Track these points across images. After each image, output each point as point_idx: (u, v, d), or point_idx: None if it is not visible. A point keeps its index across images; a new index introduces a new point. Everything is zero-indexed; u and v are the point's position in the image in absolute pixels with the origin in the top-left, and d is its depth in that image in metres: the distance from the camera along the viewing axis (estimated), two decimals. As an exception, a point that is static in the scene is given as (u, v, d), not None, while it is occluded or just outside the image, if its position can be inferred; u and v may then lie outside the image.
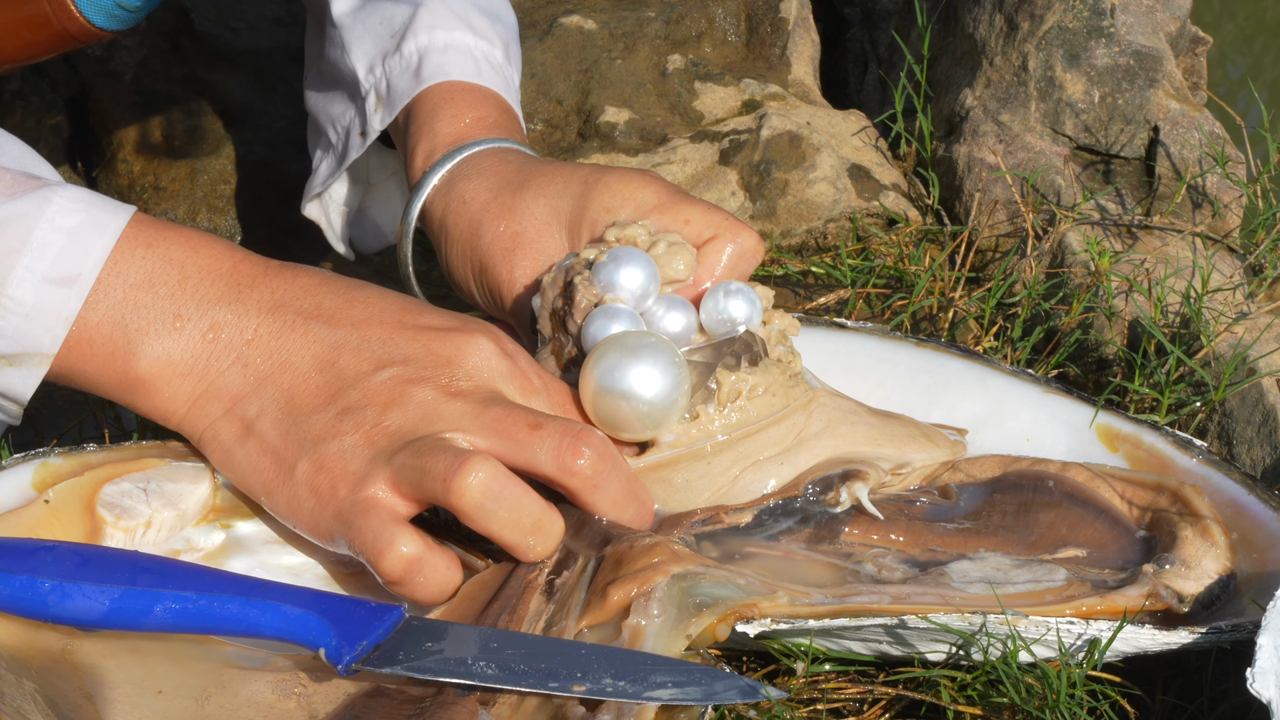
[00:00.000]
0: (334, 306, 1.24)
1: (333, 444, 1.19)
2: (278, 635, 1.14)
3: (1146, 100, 1.74)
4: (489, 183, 1.39)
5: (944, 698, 1.20)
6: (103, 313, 1.21)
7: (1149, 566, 1.24)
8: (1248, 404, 1.47)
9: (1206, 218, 1.69)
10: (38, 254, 1.19)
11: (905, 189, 1.80)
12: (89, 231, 1.21)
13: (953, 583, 1.22)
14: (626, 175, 1.36)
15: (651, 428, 1.25)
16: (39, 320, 1.20)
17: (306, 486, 1.20)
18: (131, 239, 1.22)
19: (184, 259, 1.23)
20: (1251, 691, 1.10)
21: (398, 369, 1.20)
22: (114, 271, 1.21)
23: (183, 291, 1.22)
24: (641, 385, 1.24)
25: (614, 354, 1.24)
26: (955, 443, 1.35)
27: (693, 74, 1.89)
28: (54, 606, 1.14)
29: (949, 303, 1.62)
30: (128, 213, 1.23)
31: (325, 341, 1.22)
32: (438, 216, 1.41)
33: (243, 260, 1.25)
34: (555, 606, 1.17)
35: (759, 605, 1.17)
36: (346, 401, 1.20)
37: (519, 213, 1.36)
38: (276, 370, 1.22)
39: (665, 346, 1.25)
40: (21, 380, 1.22)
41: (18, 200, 1.20)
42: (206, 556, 1.24)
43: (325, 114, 1.57)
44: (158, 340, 1.22)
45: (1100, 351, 1.57)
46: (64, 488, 1.22)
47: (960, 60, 1.85)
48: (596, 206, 1.35)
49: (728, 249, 1.32)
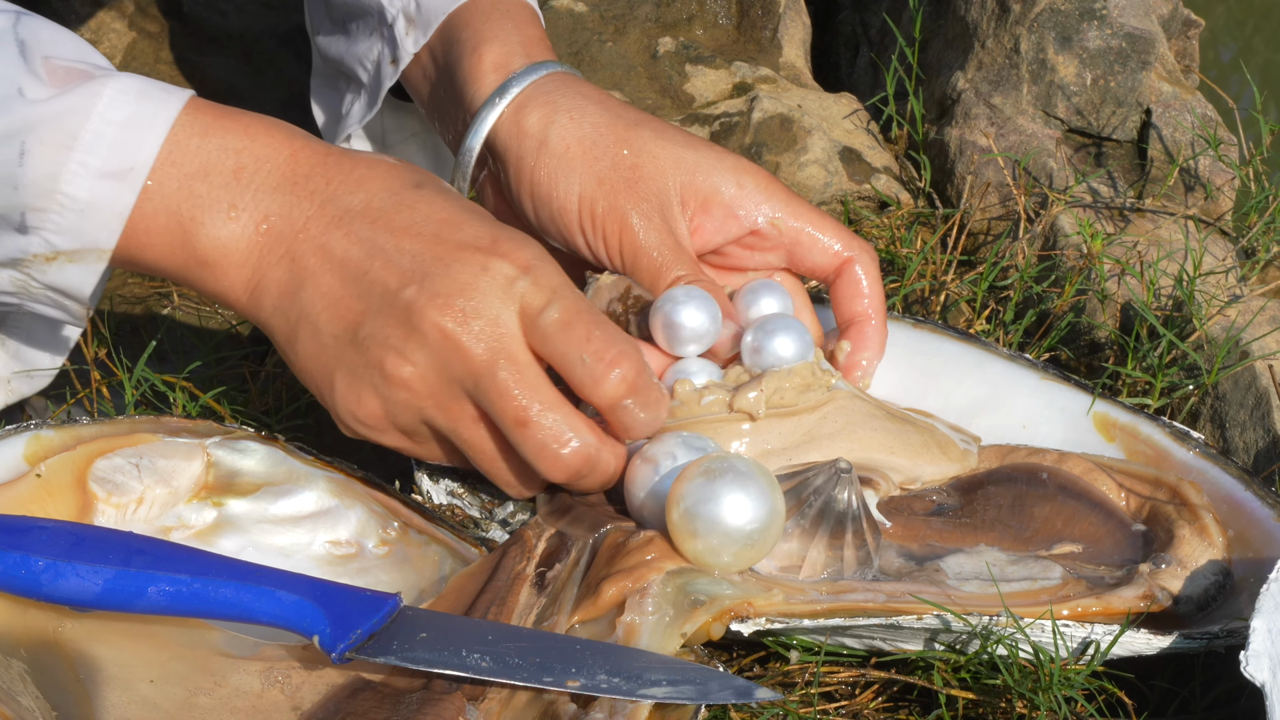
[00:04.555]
0: (382, 206, 1.22)
1: (356, 361, 1.21)
2: (271, 621, 1.14)
3: (1138, 83, 1.74)
4: (598, 109, 1.36)
5: (936, 681, 1.20)
6: (158, 203, 1.21)
7: (1145, 566, 1.23)
8: (1240, 387, 1.46)
9: (1199, 200, 1.69)
10: (89, 149, 1.19)
11: (897, 172, 1.79)
12: (141, 124, 1.20)
13: (948, 580, 1.22)
14: (750, 163, 1.36)
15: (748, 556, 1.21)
16: (94, 216, 1.20)
17: (343, 397, 1.23)
18: (187, 127, 1.21)
19: (240, 147, 1.22)
20: (1245, 675, 1.10)
21: (415, 289, 1.19)
22: (168, 161, 1.21)
23: (238, 181, 1.22)
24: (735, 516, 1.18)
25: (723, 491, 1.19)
26: (966, 453, 1.34)
27: (683, 57, 1.88)
28: (47, 585, 1.14)
29: (941, 286, 1.62)
30: (180, 100, 1.22)
31: (365, 245, 1.21)
32: (533, 125, 1.35)
33: (302, 149, 1.24)
34: (547, 600, 1.17)
35: (754, 603, 1.16)
36: (365, 330, 1.20)
37: (638, 148, 1.34)
38: (319, 270, 1.22)
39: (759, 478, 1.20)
40: (81, 276, 1.22)
41: (68, 94, 1.19)
42: (198, 534, 1.24)
43: (350, 55, 1.52)
44: (214, 229, 1.22)
45: (1093, 335, 1.57)
46: (56, 461, 1.22)
47: (952, 43, 1.84)
48: (724, 177, 1.34)
49: (863, 276, 1.35)
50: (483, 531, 1.27)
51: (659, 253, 1.32)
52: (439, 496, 1.29)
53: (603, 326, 1.21)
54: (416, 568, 1.25)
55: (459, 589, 1.20)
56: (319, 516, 1.26)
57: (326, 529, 1.26)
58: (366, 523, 1.26)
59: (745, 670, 1.23)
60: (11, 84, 1.18)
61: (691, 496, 1.17)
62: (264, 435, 1.27)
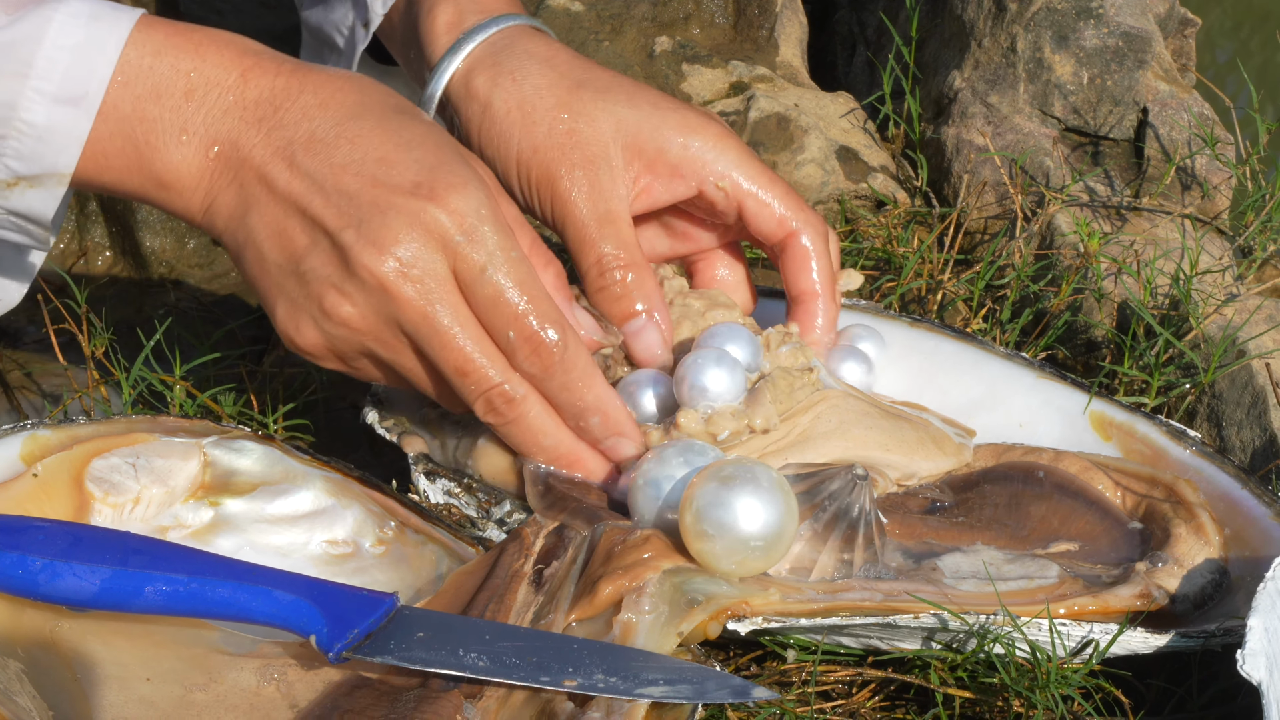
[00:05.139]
0: (324, 137, 1.23)
1: (298, 292, 1.22)
2: (268, 621, 1.14)
3: (1135, 81, 1.74)
4: (541, 69, 1.36)
5: (933, 680, 1.20)
6: (113, 126, 1.22)
7: (1142, 565, 1.23)
8: (1237, 386, 1.46)
9: (1195, 199, 1.69)
10: (43, 75, 1.20)
11: (893, 171, 1.79)
12: (92, 48, 1.21)
13: (945, 579, 1.22)
14: (705, 117, 1.35)
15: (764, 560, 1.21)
16: (52, 141, 1.21)
17: (283, 323, 1.24)
18: (139, 46, 1.22)
19: (191, 68, 1.23)
20: (1242, 673, 1.10)
21: (353, 234, 1.20)
22: (121, 84, 1.22)
23: (189, 103, 1.23)
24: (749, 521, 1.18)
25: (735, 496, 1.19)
26: (961, 447, 1.34)
27: (680, 56, 1.88)
28: (44, 585, 1.14)
29: (938, 285, 1.62)
30: (130, 20, 1.23)
31: (305, 180, 1.22)
32: (479, 88, 1.36)
33: (252, 67, 1.24)
34: (544, 599, 1.17)
35: (750, 603, 1.16)
36: (306, 264, 1.22)
37: (577, 111, 1.34)
38: (263, 199, 1.23)
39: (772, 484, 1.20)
40: (43, 201, 1.24)
41: (20, 21, 1.20)
42: (194, 534, 1.24)
43: (327, 23, 1.54)
44: (167, 153, 1.23)
45: (1089, 333, 1.57)
46: (53, 461, 1.22)
47: (949, 42, 1.84)
48: (670, 137, 1.33)
49: (810, 248, 1.34)
50: (479, 531, 1.27)
51: (587, 224, 1.33)
52: (436, 496, 1.29)
53: (533, 303, 1.22)
54: (413, 567, 1.25)
55: (457, 586, 1.20)
56: (316, 516, 1.26)
57: (323, 528, 1.26)
58: (363, 522, 1.26)
59: (742, 669, 1.23)
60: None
61: (705, 499, 1.17)
62: (261, 434, 1.27)
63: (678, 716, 1.09)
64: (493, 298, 1.21)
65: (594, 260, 1.32)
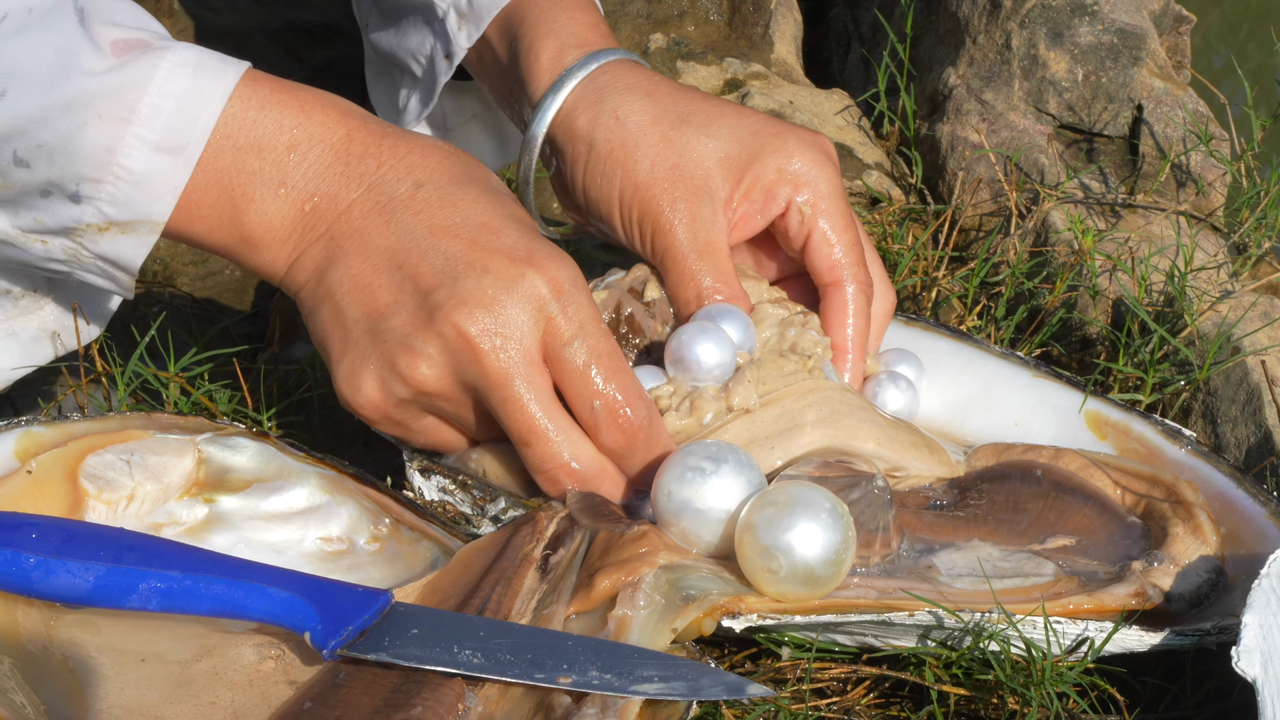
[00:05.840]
0: (426, 199, 1.23)
1: (371, 350, 1.22)
2: (263, 618, 1.14)
3: (1130, 78, 1.74)
4: (644, 104, 1.36)
5: (928, 677, 1.20)
6: (211, 176, 1.22)
7: (1138, 564, 1.23)
8: (1232, 383, 1.47)
9: (1190, 196, 1.69)
10: (146, 122, 1.20)
11: (888, 168, 1.79)
12: (197, 97, 1.21)
13: (940, 576, 1.22)
14: (807, 140, 1.35)
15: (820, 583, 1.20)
16: (149, 189, 1.21)
17: (347, 380, 1.24)
18: (244, 99, 1.22)
19: (296, 124, 1.23)
20: (1236, 670, 1.10)
21: (445, 293, 1.20)
22: (223, 135, 1.22)
23: (290, 157, 1.23)
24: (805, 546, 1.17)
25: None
26: (956, 463, 1.34)
27: (675, 53, 1.88)
28: (38, 582, 1.14)
29: (932, 282, 1.62)
30: (237, 72, 1.22)
31: (403, 237, 1.22)
32: (582, 127, 1.37)
33: (358, 128, 1.25)
34: (548, 587, 1.17)
35: (745, 600, 1.16)
36: (386, 324, 1.22)
37: (679, 146, 1.35)
38: (354, 252, 1.23)
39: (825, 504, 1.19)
40: (133, 248, 1.24)
41: (126, 66, 1.19)
42: (189, 531, 1.24)
43: (402, 49, 1.53)
44: (262, 205, 1.23)
45: (1084, 331, 1.57)
46: (47, 458, 1.22)
47: (943, 39, 1.84)
48: (768, 164, 1.34)
49: (850, 304, 1.35)
50: (474, 528, 1.27)
51: (687, 256, 1.33)
52: (431, 493, 1.29)
53: (619, 377, 1.23)
54: (408, 564, 1.25)
55: (466, 563, 1.20)
56: (310, 513, 1.26)
57: (318, 525, 1.26)
58: (358, 519, 1.26)
59: (737, 666, 1.23)
60: (71, 54, 1.19)
61: (768, 526, 1.16)
62: (256, 431, 1.27)
63: (672, 713, 1.09)
64: (581, 369, 1.22)
65: (694, 293, 1.33)
